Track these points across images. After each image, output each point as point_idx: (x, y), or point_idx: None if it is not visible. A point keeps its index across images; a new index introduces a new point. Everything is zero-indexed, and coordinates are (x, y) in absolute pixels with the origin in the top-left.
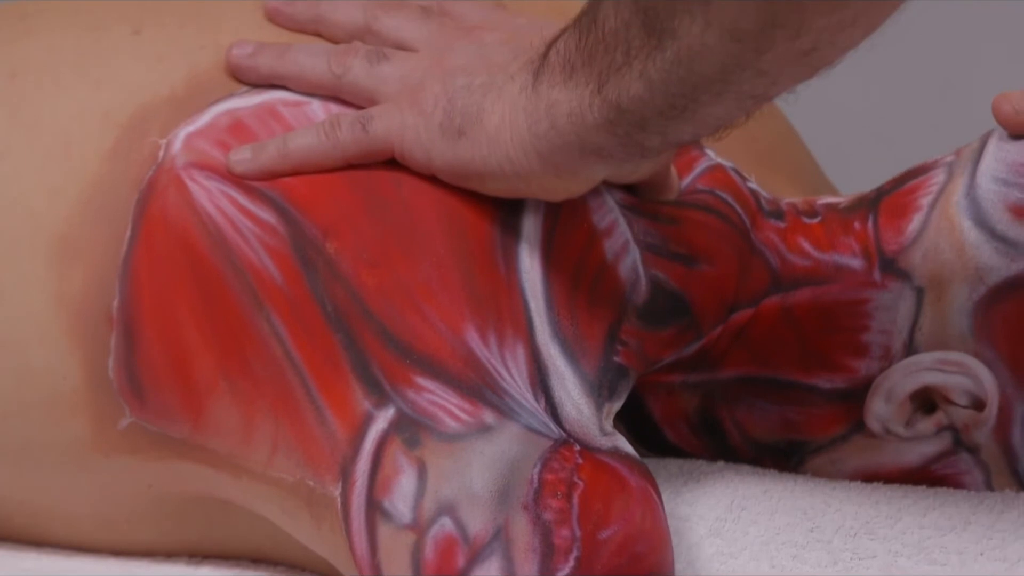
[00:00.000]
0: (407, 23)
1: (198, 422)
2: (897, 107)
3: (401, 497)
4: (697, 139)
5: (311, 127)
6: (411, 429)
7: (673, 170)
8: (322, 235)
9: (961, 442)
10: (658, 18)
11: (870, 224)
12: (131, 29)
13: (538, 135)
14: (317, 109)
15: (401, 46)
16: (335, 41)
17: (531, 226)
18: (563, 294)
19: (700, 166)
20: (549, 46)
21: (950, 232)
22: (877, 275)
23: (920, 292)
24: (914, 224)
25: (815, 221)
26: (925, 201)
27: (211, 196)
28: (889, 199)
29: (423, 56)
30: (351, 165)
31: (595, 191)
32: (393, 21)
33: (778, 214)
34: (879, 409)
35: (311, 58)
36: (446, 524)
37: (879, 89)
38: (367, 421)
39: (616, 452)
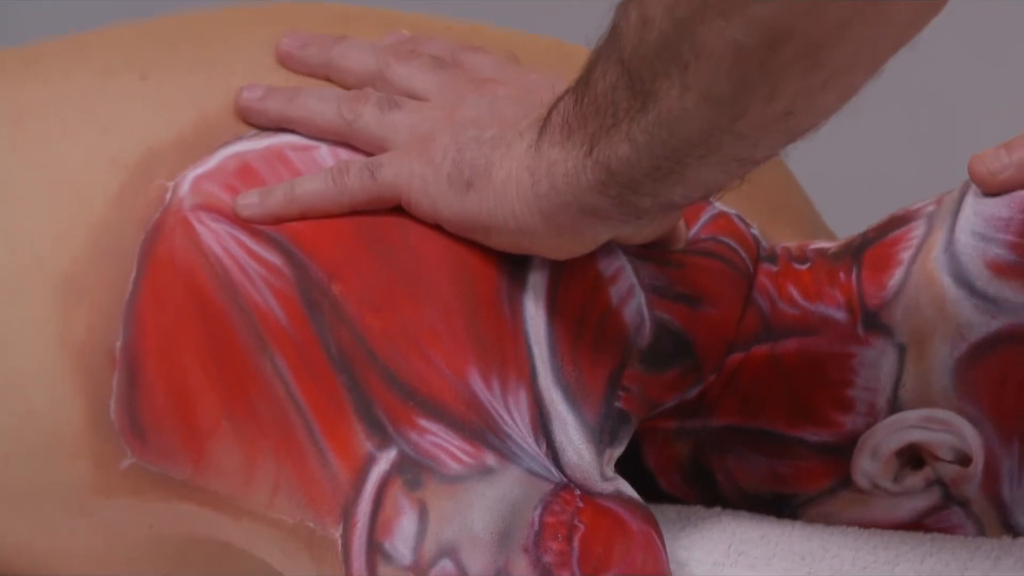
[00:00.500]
0: (419, 72)
1: (200, 463)
2: (894, 153)
3: (402, 538)
4: (690, 201)
5: (319, 173)
6: (413, 470)
7: (681, 222)
8: (328, 278)
9: (951, 496)
10: (641, 81)
11: (854, 276)
12: (139, 74)
13: (539, 194)
14: (325, 154)
15: (412, 95)
16: (346, 87)
17: (537, 273)
18: (567, 340)
19: (705, 215)
20: (553, 105)
21: (930, 288)
22: (860, 330)
23: (902, 349)
24: (895, 279)
25: (805, 267)
26: (905, 255)
27: (218, 238)
28: (872, 250)
29: (434, 106)
30: (358, 211)
31: None
32: (405, 70)
33: (772, 258)
34: (866, 466)
35: (321, 103)
36: (447, 566)
37: (878, 134)
38: (369, 462)
39: (618, 496)
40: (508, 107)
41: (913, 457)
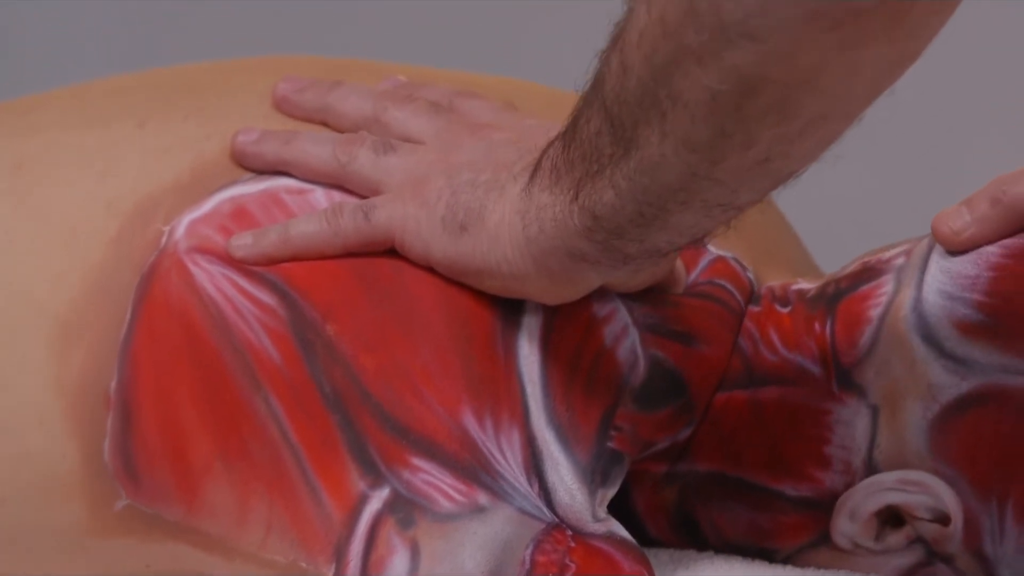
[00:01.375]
0: (415, 117)
1: (193, 504)
2: (886, 193)
3: None
4: (676, 247)
5: (313, 214)
6: (405, 509)
7: (679, 266)
8: (321, 318)
9: (935, 553)
10: (623, 128)
11: (828, 329)
12: (136, 122)
13: (530, 238)
14: (320, 197)
15: (408, 139)
16: (342, 131)
17: (532, 315)
18: (560, 382)
19: (704, 261)
20: (544, 150)
21: (900, 347)
22: (835, 387)
23: (875, 411)
24: (866, 337)
25: (786, 311)
26: (875, 313)
27: (212, 279)
28: (844, 303)
29: (430, 150)
30: (351, 253)
31: None
32: (402, 114)
33: (757, 299)
34: (845, 527)
35: (316, 146)
36: None
37: (868, 175)
38: (362, 501)
39: (611, 536)
40: (504, 152)
41: (893, 515)
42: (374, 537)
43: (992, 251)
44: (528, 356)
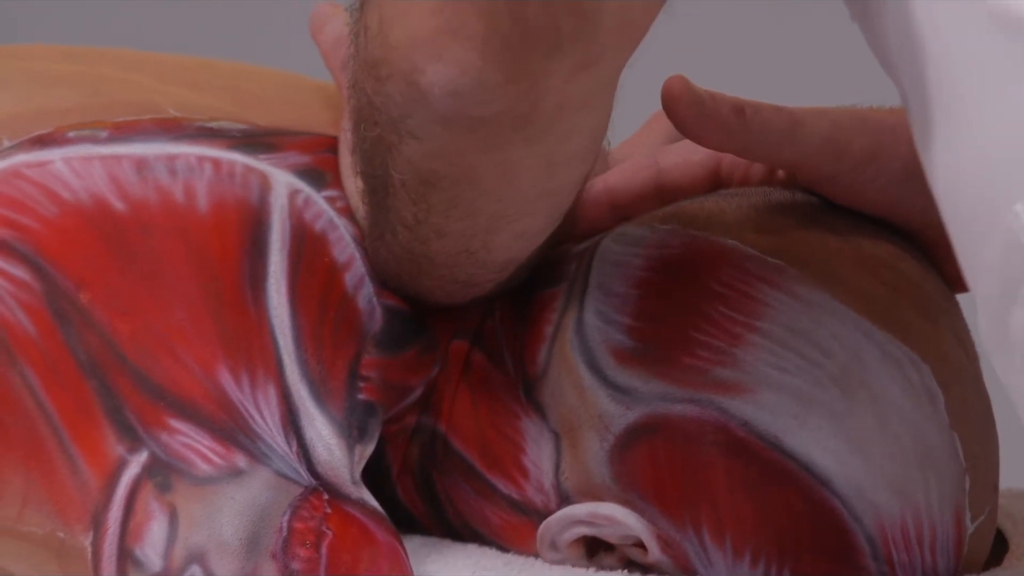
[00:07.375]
0: None
1: None
2: None
3: (151, 544)
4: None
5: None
6: (163, 473)
7: None
8: (75, 287)
9: (651, 571)
10: (377, 191)
11: (522, 325)
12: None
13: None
14: (61, 167)
15: None
16: None
17: (277, 261)
18: (310, 332)
19: None
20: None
21: (569, 373)
22: (523, 395)
23: (557, 437)
24: (542, 355)
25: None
26: (548, 331)
27: None
28: (531, 306)
29: None
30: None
31: (331, 224)
32: None
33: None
34: (550, 556)
35: None
36: (196, 573)
37: None
38: (121, 466)
39: (363, 505)
40: None
41: (602, 540)
42: (132, 503)
43: (637, 264)
44: (278, 307)
